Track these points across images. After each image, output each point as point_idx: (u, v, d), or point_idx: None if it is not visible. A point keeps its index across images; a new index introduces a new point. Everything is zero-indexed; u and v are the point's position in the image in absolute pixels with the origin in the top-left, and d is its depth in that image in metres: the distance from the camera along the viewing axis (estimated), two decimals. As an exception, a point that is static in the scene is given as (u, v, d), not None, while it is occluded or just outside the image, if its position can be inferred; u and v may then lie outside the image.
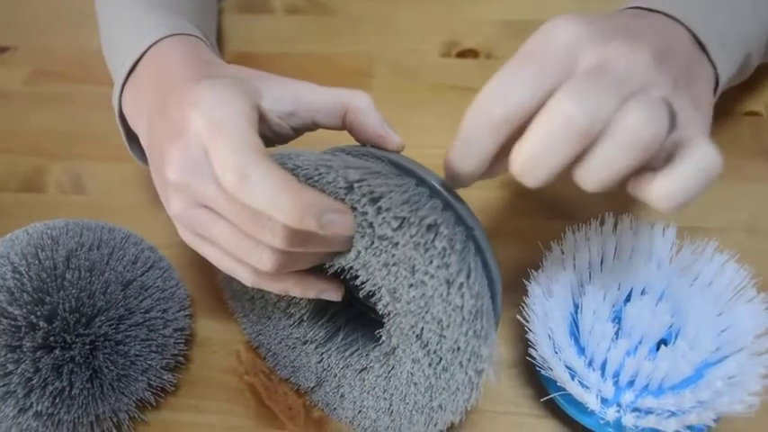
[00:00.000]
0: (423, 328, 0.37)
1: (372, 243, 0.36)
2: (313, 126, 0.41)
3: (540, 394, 0.43)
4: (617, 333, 0.41)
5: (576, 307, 0.42)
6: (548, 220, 0.52)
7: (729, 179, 0.54)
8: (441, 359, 0.37)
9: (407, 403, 0.40)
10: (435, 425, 0.39)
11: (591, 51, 0.33)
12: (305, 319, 0.44)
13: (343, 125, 0.41)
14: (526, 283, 0.43)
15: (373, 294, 0.38)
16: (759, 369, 0.38)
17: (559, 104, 0.31)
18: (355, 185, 0.35)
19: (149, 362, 0.43)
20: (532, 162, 0.32)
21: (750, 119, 0.57)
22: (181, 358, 0.46)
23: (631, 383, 0.40)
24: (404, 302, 0.37)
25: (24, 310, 0.41)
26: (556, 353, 0.40)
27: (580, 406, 0.40)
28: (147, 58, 0.45)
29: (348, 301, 0.43)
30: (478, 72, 0.63)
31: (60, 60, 0.69)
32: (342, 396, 0.44)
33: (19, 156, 0.61)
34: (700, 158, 0.32)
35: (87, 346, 0.41)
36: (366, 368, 0.42)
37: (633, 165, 0.31)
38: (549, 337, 0.41)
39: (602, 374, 0.40)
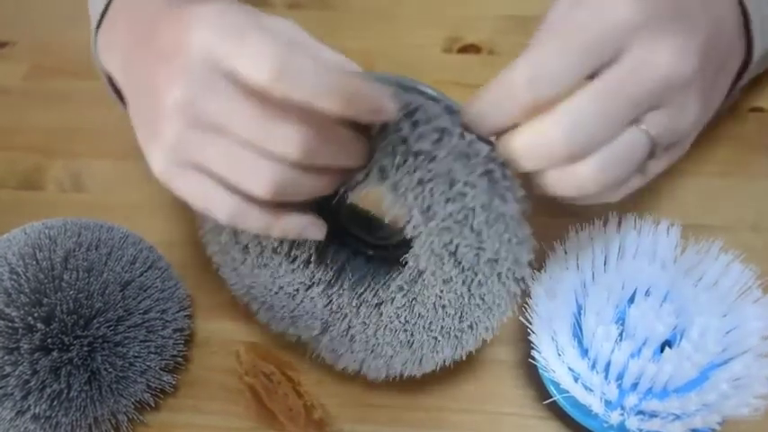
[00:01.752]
0: (458, 245, 0.35)
1: (406, 160, 0.34)
2: None
3: (543, 396, 0.42)
4: (621, 334, 0.40)
5: (580, 308, 0.42)
6: (551, 219, 0.52)
7: (734, 176, 0.53)
8: (477, 274, 0.36)
9: (432, 330, 0.39)
10: (464, 346, 0.39)
11: (640, 45, 0.33)
12: (311, 260, 0.41)
13: None
14: (529, 283, 0.43)
15: (378, 226, 0.38)
16: (765, 371, 0.38)
17: (556, 123, 0.32)
18: None
19: (148, 363, 0.43)
20: (528, 151, 0.33)
21: (755, 115, 0.57)
22: (180, 359, 0.45)
23: (635, 386, 0.39)
24: (438, 220, 0.35)
25: (22, 312, 0.40)
26: (559, 355, 0.40)
27: (583, 408, 0.40)
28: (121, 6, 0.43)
29: (341, 239, 0.42)
30: (480, 68, 0.62)
31: (60, 56, 0.68)
32: (351, 338, 0.42)
33: (18, 153, 0.61)
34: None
35: (85, 348, 0.41)
36: (384, 301, 0.41)
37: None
38: (552, 338, 0.40)
39: (606, 377, 0.39)
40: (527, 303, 0.42)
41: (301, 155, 0.33)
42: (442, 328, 0.39)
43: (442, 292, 0.38)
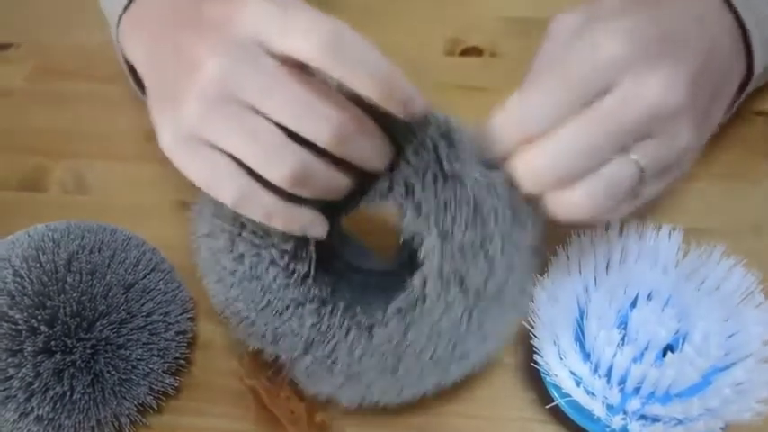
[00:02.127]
0: (469, 270, 0.36)
1: (436, 181, 0.35)
2: None
3: (545, 400, 0.43)
4: (623, 339, 0.40)
5: (582, 312, 0.42)
6: (553, 224, 0.52)
7: (737, 180, 0.53)
8: (480, 302, 0.36)
9: (421, 358, 0.38)
10: (449, 378, 0.39)
11: (629, 78, 0.34)
12: (310, 275, 0.40)
13: None
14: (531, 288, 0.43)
15: (364, 253, 0.38)
16: (767, 376, 0.38)
17: (546, 151, 0.34)
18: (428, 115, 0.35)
19: (151, 366, 0.43)
20: (522, 176, 0.35)
21: (760, 119, 0.57)
22: (183, 362, 0.45)
23: (637, 390, 0.39)
24: (455, 244, 0.36)
25: (25, 314, 0.40)
26: (561, 359, 0.40)
27: (586, 412, 0.40)
28: None
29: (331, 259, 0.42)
30: (482, 70, 0.63)
31: (63, 58, 0.68)
32: (334, 361, 0.40)
33: (21, 154, 0.61)
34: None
35: (88, 351, 0.41)
36: (378, 323, 0.39)
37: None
38: (555, 342, 0.40)
39: (608, 381, 0.40)
40: (530, 307, 0.42)
41: (333, 139, 0.34)
42: (432, 356, 0.38)
43: (441, 317, 0.37)
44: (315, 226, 0.38)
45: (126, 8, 0.44)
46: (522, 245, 0.36)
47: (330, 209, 0.39)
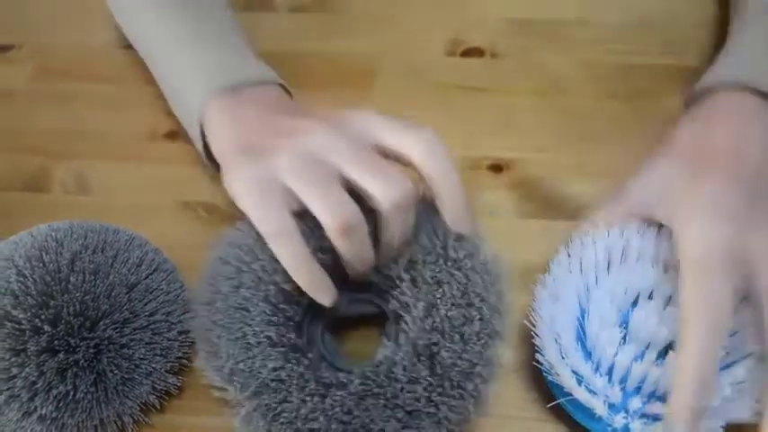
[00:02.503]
0: (441, 347, 0.38)
1: (437, 260, 0.40)
2: None
3: (546, 399, 0.43)
4: (624, 338, 0.40)
5: (583, 311, 0.42)
6: (553, 222, 0.52)
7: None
8: (444, 381, 0.37)
9: (370, 429, 0.37)
10: None
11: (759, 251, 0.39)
12: (294, 320, 0.42)
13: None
14: (533, 287, 0.43)
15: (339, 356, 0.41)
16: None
17: None
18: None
19: (154, 365, 0.43)
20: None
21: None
22: (185, 361, 0.46)
23: (639, 389, 0.40)
24: (438, 319, 0.38)
25: (29, 314, 0.41)
26: (563, 358, 0.40)
27: (587, 411, 0.40)
28: (252, 90, 0.49)
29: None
30: (483, 71, 0.63)
31: (64, 58, 0.68)
32: (277, 414, 0.38)
33: (23, 155, 0.61)
34: None
35: (91, 350, 0.41)
36: (336, 384, 0.39)
37: None
38: (556, 341, 0.41)
39: (610, 380, 0.40)
40: (531, 306, 0.42)
41: (393, 203, 0.39)
42: (380, 429, 0.37)
43: (402, 391, 0.37)
44: (327, 293, 0.42)
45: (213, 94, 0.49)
46: (499, 333, 0.39)
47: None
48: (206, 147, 0.50)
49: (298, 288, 0.42)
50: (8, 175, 0.60)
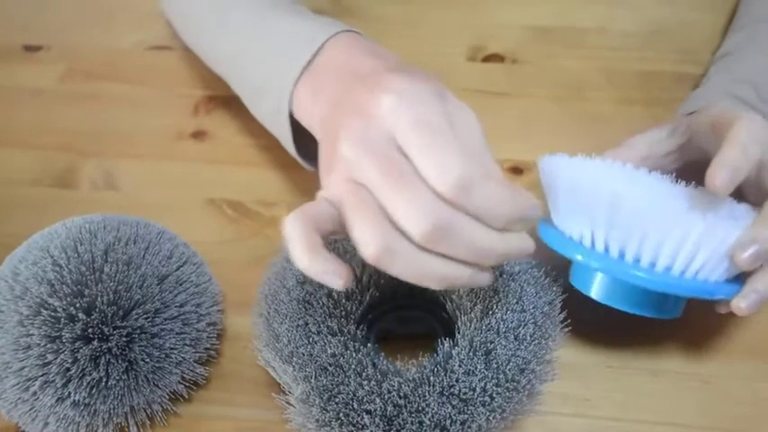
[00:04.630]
0: (497, 345, 0.40)
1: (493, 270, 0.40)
2: None
3: (561, 390, 0.43)
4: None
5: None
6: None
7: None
8: (497, 376, 0.39)
9: (421, 417, 0.39)
10: None
11: None
12: (356, 313, 0.44)
13: None
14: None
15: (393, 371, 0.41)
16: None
17: None
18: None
19: (183, 355, 0.44)
20: None
21: None
22: (213, 352, 0.47)
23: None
24: (494, 320, 0.41)
25: (64, 302, 0.42)
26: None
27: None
28: (327, 52, 0.46)
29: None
30: (504, 76, 0.64)
31: (91, 59, 0.70)
32: (332, 396, 0.39)
33: (53, 152, 0.62)
34: None
35: (124, 339, 0.42)
36: (393, 372, 0.41)
37: None
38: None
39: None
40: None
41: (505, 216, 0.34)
42: (432, 417, 0.38)
43: (457, 381, 0.39)
44: (342, 275, 0.35)
45: (298, 79, 0.46)
46: (551, 337, 0.41)
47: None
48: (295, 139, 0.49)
49: (359, 286, 0.44)
50: (38, 172, 0.61)
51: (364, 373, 0.40)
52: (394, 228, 0.34)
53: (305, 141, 0.49)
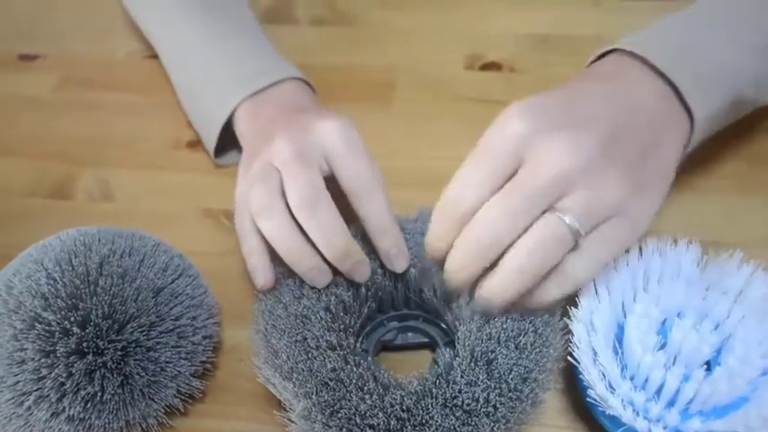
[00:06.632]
0: (498, 354, 0.40)
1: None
2: None
3: (564, 405, 0.43)
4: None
5: (618, 337, 0.42)
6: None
7: (749, 193, 0.54)
8: (500, 386, 0.39)
9: (428, 425, 0.38)
10: None
11: (534, 149, 0.38)
12: (354, 327, 0.44)
13: None
14: (567, 321, 0.42)
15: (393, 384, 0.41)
16: None
17: (471, 227, 0.38)
18: None
19: (179, 368, 0.44)
20: (455, 271, 0.39)
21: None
22: (209, 365, 0.46)
23: (679, 406, 0.39)
24: (494, 330, 0.41)
25: (58, 316, 0.41)
26: (612, 389, 0.39)
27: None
28: (278, 88, 0.55)
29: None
30: (502, 85, 0.64)
31: (88, 68, 0.70)
32: (334, 411, 0.39)
33: (48, 162, 0.62)
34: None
35: (119, 352, 0.42)
36: (394, 385, 0.40)
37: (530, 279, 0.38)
38: (603, 375, 0.40)
39: (651, 398, 0.39)
40: (570, 341, 0.41)
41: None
42: (437, 428, 0.38)
43: (460, 392, 0.39)
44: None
45: (242, 101, 0.55)
46: (553, 344, 0.41)
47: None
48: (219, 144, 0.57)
49: (357, 299, 0.45)
50: (33, 182, 0.61)
51: (366, 387, 0.40)
52: (282, 198, 0.45)
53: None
